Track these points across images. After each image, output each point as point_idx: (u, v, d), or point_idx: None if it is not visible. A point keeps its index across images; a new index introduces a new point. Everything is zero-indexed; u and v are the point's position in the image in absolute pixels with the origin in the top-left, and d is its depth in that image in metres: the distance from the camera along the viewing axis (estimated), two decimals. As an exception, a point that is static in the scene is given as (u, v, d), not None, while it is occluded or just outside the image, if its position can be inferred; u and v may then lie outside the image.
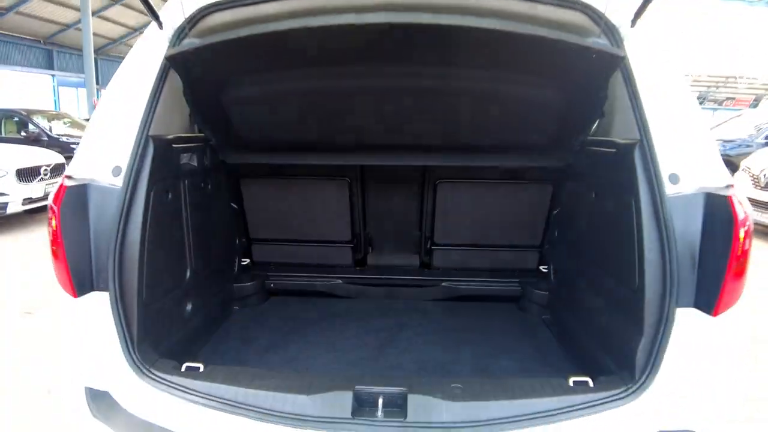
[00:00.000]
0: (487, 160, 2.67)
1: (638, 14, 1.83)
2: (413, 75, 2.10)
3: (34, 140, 10.97)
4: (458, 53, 1.95)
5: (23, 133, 11.36)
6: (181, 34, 2.01)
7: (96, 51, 22.00)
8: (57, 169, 8.78)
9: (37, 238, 7.45)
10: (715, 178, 1.68)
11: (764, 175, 7.47)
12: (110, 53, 29.60)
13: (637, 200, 1.75)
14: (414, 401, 1.63)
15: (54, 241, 1.78)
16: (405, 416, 1.59)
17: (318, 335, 2.64)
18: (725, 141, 10.30)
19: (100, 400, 1.75)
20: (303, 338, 2.60)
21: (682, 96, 1.78)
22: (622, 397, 1.63)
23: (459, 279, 3.12)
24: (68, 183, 1.82)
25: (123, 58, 2.13)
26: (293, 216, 3.10)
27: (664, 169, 1.69)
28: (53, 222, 1.77)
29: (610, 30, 1.88)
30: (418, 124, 2.46)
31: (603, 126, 2.32)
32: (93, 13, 21.29)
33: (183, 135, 2.27)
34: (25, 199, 7.93)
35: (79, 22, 23.08)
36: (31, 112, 12.12)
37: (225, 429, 1.63)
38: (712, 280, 1.60)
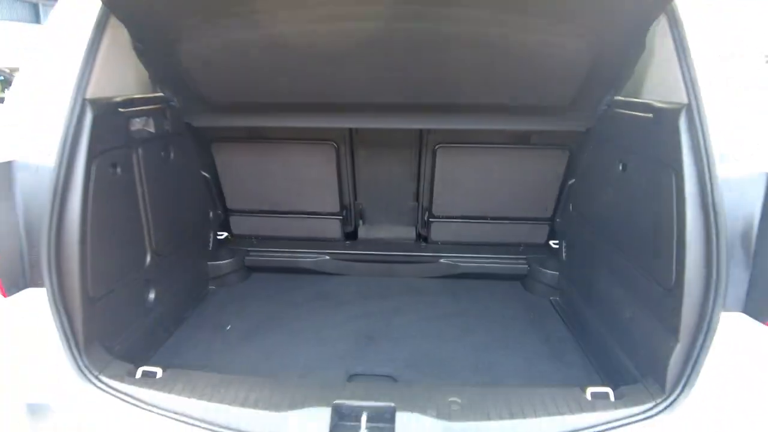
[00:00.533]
0: (496, 123, 2.31)
1: None
2: (410, 17, 1.71)
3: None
4: None
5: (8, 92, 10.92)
6: None
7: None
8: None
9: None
10: None
11: None
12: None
13: (679, 179, 1.44)
14: (403, 420, 1.38)
15: None
16: None
17: (301, 321, 2.39)
18: None
19: (39, 416, 1.51)
20: (284, 325, 2.35)
21: (742, 52, 1.42)
22: (650, 416, 1.38)
23: (459, 255, 2.84)
24: None
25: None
26: (274, 185, 2.78)
27: (716, 143, 1.36)
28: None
29: None
30: (416, 80, 2.08)
31: (633, 85, 1.96)
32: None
33: (135, 96, 1.93)
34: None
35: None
36: (14, 70, 11.58)
37: None
38: None
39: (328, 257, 2.87)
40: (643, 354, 1.61)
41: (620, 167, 1.93)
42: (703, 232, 1.37)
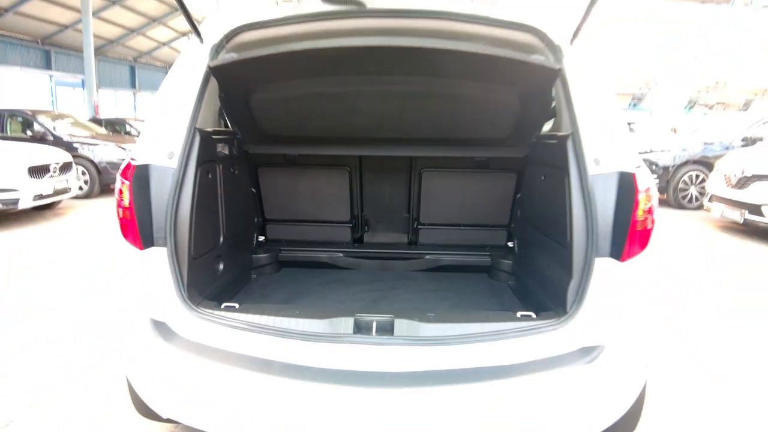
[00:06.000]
0: (461, 151, 3.30)
1: (575, 34, 2.38)
2: (401, 83, 2.71)
3: (40, 139, 11.33)
4: (436, 66, 2.53)
5: (29, 132, 11.71)
6: (218, 48, 2.53)
7: (94, 51, 22.30)
8: (65, 168, 9.13)
9: (51, 234, 7.81)
10: (627, 161, 2.23)
11: (734, 175, 7.89)
12: (108, 54, 29.92)
13: (569, 178, 2.31)
14: (399, 323, 2.15)
15: (126, 207, 2.30)
16: (392, 333, 2.13)
17: (323, 294, 3.20)
18: (706, 143, 10.77)
19: (160, 328, 2.27)
20: (311, 294, 3.17)
21: (606, 99, 2.33)
22: (555, 325, 2.15)
23: (440, 252, 3.72)
24: (134, 163, 2.34)
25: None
26: (301, 199, 3.70)
27: (589, 155, 2.23)
28: (124, 192, 2.29)
29: (552, 47, 2.43)
30: (405, 121, 3.09)
31: (556, 123, 2.90)
32: (93, 14, 21.66)
33: (218, 129, 2.83)
34: (35, 196, 8.29)
35: (77, 22, 23.45)
36: (36, 112, 12.49)
37: (255, 344, 2.11)
38: (621, 235, 2.15)
39: (341, 254, 3.72)
40: (554, 292, 2.45)
41: (542, 178, 2.83)
42: (583, 208, 2.23)
